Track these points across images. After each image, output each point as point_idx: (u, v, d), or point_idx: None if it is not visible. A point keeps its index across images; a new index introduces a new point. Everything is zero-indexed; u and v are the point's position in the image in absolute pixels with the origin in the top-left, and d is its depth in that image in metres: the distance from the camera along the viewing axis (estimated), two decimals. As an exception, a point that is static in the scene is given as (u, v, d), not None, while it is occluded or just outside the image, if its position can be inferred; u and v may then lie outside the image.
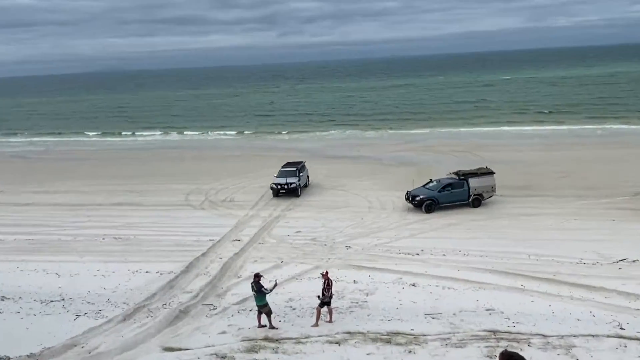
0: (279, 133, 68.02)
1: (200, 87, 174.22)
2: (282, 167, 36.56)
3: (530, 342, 14.91)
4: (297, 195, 34.41)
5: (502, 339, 15.17)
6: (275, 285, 17.01)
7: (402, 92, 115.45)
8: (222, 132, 71.21)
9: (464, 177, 30.40)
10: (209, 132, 71.81)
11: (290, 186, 34.02)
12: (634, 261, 20.98)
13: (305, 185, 36.99)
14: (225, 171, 43.03)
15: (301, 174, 35.59)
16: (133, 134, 74.17)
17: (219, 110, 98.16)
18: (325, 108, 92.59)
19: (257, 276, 16.68)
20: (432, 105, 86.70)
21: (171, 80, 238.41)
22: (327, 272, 17.02)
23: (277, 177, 34.98)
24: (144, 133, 74.32)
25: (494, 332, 15.59)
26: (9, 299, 19.42)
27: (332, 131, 67.37)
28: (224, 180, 39.92)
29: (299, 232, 26.65)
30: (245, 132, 69.88)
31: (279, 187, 34.01)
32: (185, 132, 73.09)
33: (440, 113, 76.71)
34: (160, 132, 75.41)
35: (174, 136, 71.23)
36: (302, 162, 37.78)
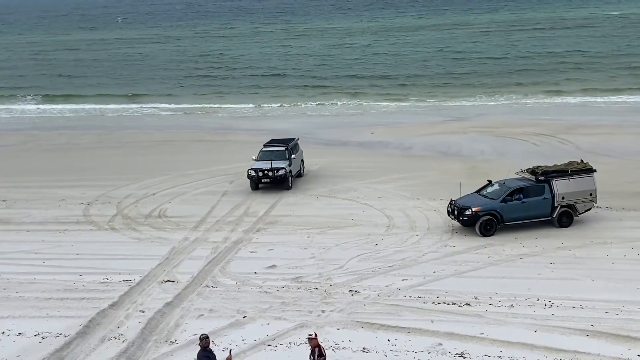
0: (235, 106, 68.25)
1: (103, 28, 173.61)
2: (265, 145, 39.10)
3: None
4: (288, 188, 36.86)
5: None
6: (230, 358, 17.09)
7: (439, 37, 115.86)
8: (142, 104, 71.39)
9: (544, 177, 30.66)
10: (120, 104, 71.90)
11: (278, 173, 36.30)
12: None
13: (299, 174, 39.22)
14: (150, 167, 43.08)
15: (293, 156, 37.88)
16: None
17: (134, 67, 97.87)
18: (313, 64, 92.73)
19: (205, 341, 16.74)
20: (489, 59, 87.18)
21: (52, 16, 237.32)
22: (316, 335, 17.13)
23: (257, 160, 37.61)
24: (3, 107, 74.00)
25: None
26: None
27: (326, 102, 67.70)
28: (147, 181, 40.00)
29: (273, 267, 26.77)
30: (181, 105, 70.01)
31: (261, 174, 36.35)
32: (76, 104, 73.17)
33: (504, 73, 77.21)
34: (33, 102, 75.10)
35: (58, 109, 71.44)
36: (293, 139, 40.28)
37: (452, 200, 31.00)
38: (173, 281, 25.59)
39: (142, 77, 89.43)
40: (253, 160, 38.00)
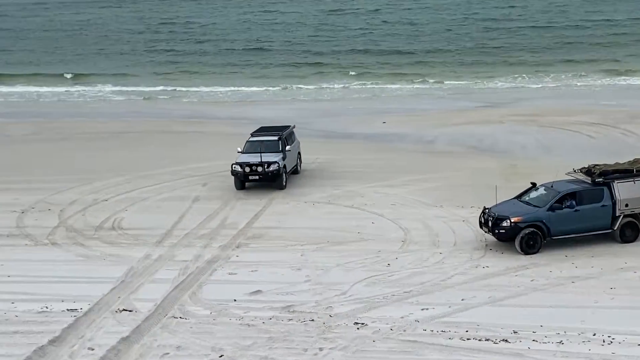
0: (207, 89, 68.67)
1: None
2: (253, 134, 39.75)
3: None
4: (282, 187, 37.36)
5: None
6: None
7: (463, 1, 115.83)
8: (89, 87, 71.76)
9: (603, 179, 30.74)
10: (62, 86, 72.29)
11: (269, 168, 36.82)
12: None
13: (296, 171, 39.85)
14: (101, 165, 43.18)
15: (288, 148, 38.45)
16: None
17: (79, 39, 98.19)
18: (307, 35, 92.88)
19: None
20: (530, 29, 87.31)
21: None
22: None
23: (243, 152, 38.11)
24: None
25: None
26: None
27: (324, 84, 68.06)
28: (98, 183, 40.13)
29: (257, 292, 26.82)
30: (139, 87, 70.26)
31: (248, 170, 36.95)
32: (5, 85, 73.82)
33: (550, 47, 77.37)
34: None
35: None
36: (289, 126, 41.01)
37: (485, 209, 31.04)
38: (130, 310, 25.52)
39: (89, 51, 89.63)
40: (238, 152, 38.25)
